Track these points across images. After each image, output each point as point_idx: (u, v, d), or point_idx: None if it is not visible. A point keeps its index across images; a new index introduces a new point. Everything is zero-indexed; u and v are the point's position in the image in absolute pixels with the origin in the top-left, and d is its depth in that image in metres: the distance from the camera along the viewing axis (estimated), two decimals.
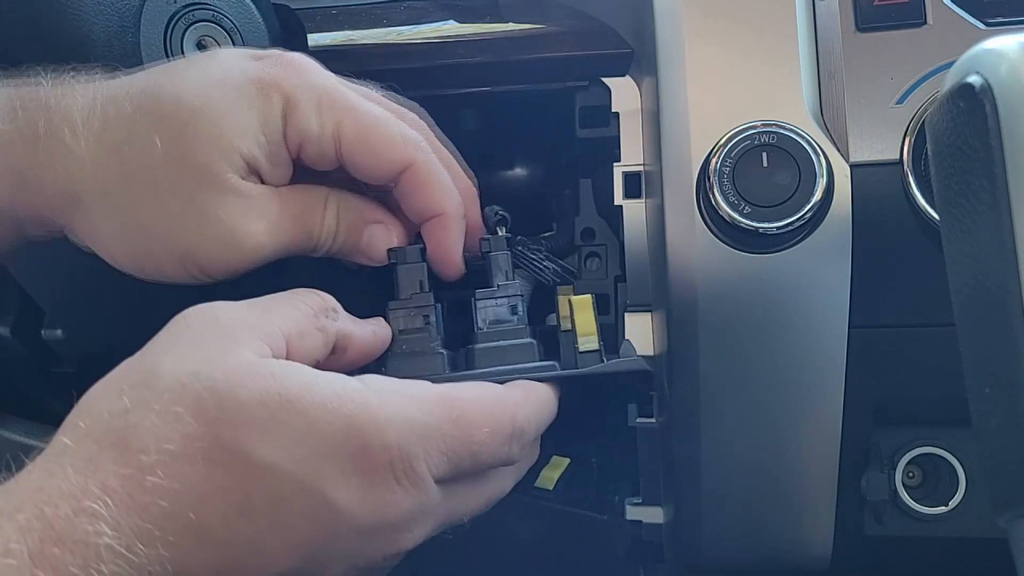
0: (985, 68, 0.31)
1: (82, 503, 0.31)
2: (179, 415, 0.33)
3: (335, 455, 0.35)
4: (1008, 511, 0.32)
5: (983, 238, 0.31)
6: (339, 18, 0.61)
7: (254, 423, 0.34)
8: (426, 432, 0.37)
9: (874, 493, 0.48)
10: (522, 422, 0.42)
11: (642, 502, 0.55)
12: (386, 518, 0.36)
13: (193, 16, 0.52)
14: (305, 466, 0.34)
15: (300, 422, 0.34)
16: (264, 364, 0.36)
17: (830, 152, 0.47)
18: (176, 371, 0.34)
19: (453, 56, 0.58)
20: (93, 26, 0.48)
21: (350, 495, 0.35)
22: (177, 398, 0.34)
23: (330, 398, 0.35)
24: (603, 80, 0.56)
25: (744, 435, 0.49)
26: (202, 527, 0.33)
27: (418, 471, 0.37)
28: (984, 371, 0.32)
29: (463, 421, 0.39)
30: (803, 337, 0.48)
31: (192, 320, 0.37)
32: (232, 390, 0.34)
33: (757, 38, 0.49)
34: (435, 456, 0.37)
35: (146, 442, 0.33)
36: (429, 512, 0.39)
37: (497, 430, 0.40)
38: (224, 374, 0.34)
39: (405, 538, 0.38)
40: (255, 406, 0.34)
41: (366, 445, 0.35)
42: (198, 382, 0.34)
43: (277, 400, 0.34)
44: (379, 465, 0.36)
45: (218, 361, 0.35)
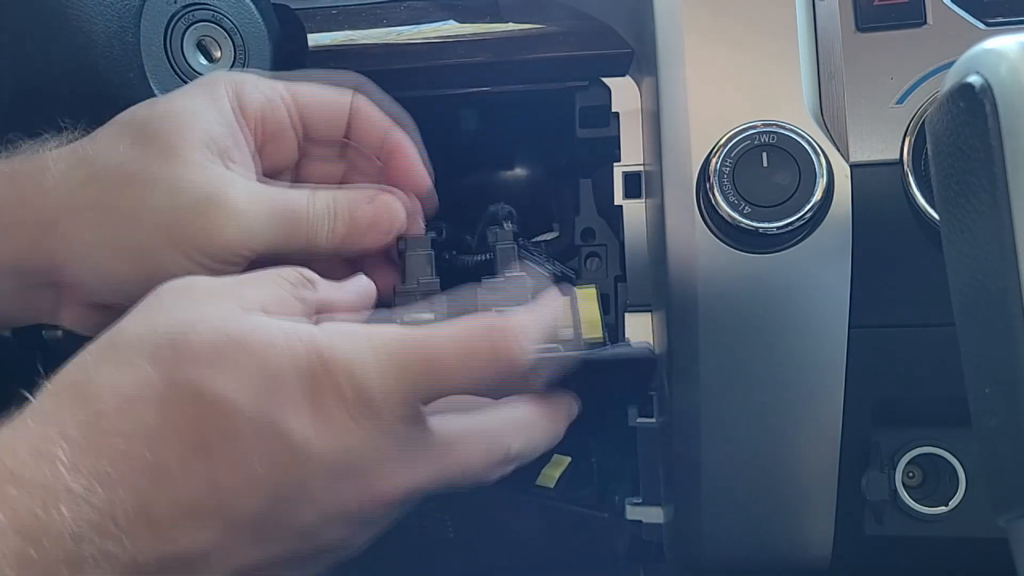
0: (985, 68, 0.31)
1: (40, 448, 0.32)
2: (135, 363, 0.34)
3: (285, 387, 0.34)
4: (1008, 511, 0.32)
5: (983, 238, 0.31)
6: (339, 18, 0.61)
7: (205, 362, 0.34)
8: (378, 359, 0.36)
9: (874, 493, 0.48)
10: (505, 346, 0.38)
11: (642, 502, 0.55)
12: (349, 454, 0.35)
13: (193, 16, 0.52)
14: (257, 400, 0.34)
15: (249, 359, 0.34)
16: (218, 312, 0.36)
17: (830, 152, 0.47)
18: (137, 328, 0.35)
19: (453, 56, 0.58)
20: (93, 26, 0.48)
21: (305, 427, 0.34)
22: (135, 349, 0.34)
23: (278, 336, 0.35)
24: (603, 80, 0.56)
25: (744, 435, 0.49)
26: (160, 468, 0.33)
27: (373, 399, 0.35)
28: (984, 371, 0.32)
29: (421, 346, 0.37)
30: (803, 337, 0.48)
31: (165, 290, 0.38)
32: (185, 336, 0.35)
33: (757, 38, 0.49)
34: (391, 384, 0.36)
35: (103, 390, 0.33)
36: (405, 453, 0.37)
37: (466, 354, 0.38)
38: (181, 325, 0.35)
39: (381, 484, 0.36)
40: (206, 347, 0.34)
41: (313, 374, 0.35)
42: (155, 335, 0.35)
43: (226, 340, 0.35)
44: (329, 394, 0.35)
45: (180, 316, 0.36)
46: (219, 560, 0.34)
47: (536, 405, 0.44)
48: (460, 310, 0.41)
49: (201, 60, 0.53)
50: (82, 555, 0.31)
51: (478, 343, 0.38)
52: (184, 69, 0.52)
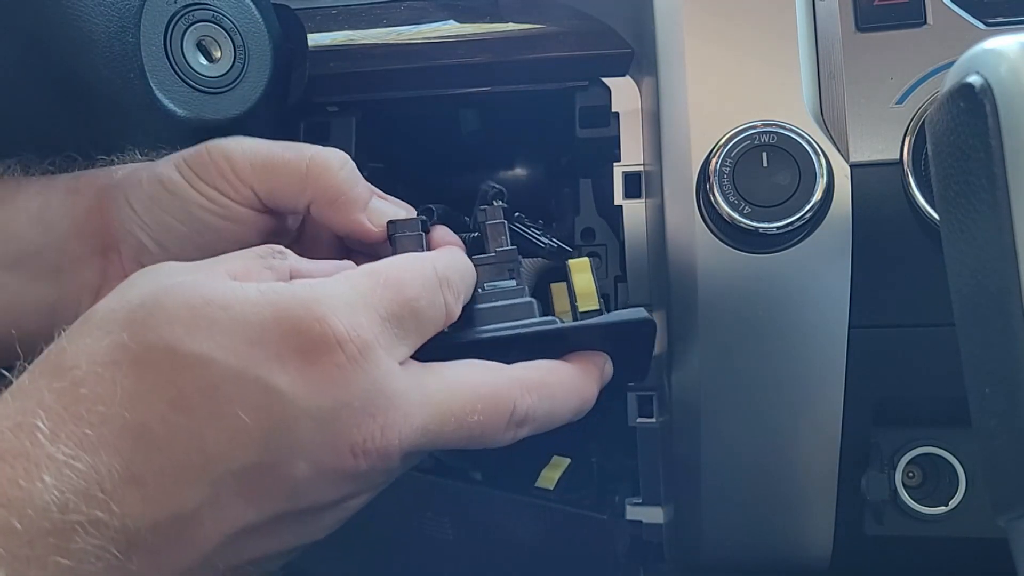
0: (985, 68, 0.31)
1: (18, 420, 0.32)
2: (109, 331, 0.34)
3: (266, 340, 0.34)
4: (1008, 511, 0.32)
5: (983, 238, 0.31)
6: (339, 18, 0.61)
7: (179, 322, 0.34)
8: (359, 300, 0.36)
9: (874, 493, 0.48)
10: (443, 271, 0.41)
11: (642, 502, 0.55)
12: (339, 397, 0.35)
13: (193, 16, 0.52)
14: (236, 354, 0.34)
15: (224, 316, 0.34)
16: (191, 279, 0.36)
17: (830, 152, 0.47)
18: (110, 303, 0.35)
19: (453, 56, 0.58)
20: (93, 26, 0.48)
21: (291, 377, 0.34)
22: (109, 320, 0.35)
23: (253, 293, 0.35)
24: (603, 80, 0.56)
25: (744, 435, 0.49)
26: (140, 427, 0.32)
27: (362, 337, 0.35)
28: (984, 371, 0.32)
29: (391, 280, 0.38)
30: (803, 337, 0.48)
31: (138, 273, 0.38)
32: (158, 300, 0.35)
33: (757, 38, 0.49)
34: (376, 321, 0.36)
35: (78, 359, 0.33)
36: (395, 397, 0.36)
37: (425, 282, 0.39)
38: (155, 294, 0.35)
39: (369, 428, 0.36)
40: (180, 308, 0.34)
41: (298, 323, 0.34)
42: (127, 305, 0.35)
43: (200, 300, 0.34)
44: (317, 340, 0.34)
45: (153, 286, 0.36)
46: (212, 520, 0.34)
47: (555, 366, 0.43)
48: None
49: (201, 60, 0.53)
50: (69, 524, 0.31)
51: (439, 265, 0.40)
52: (184, 69, 0.52)
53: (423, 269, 0.40)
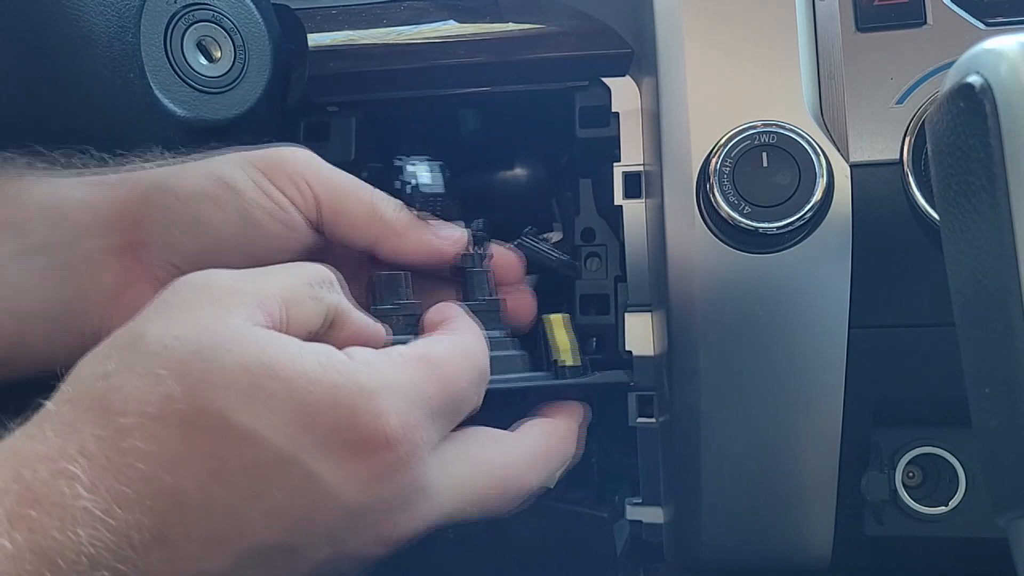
0: (985, 68, 0.31)
1: (59, 465, 0.31)
2: (160, 377, 0.33)
3: (318, 426, 0.34)
4: (1008, 511, 0.32)
5: (983, 238, 0.31)
6: (339, 18, 0.61)
7: (234, 388, 0.33)
8: (415, 395, 0.36)
9: (874, 493, 0.48)
10: (484, 364, 0.42)
11: (642, 502, 0.55)
12: (377, 494, 0.35)
13: (193, 16, 0.52)
14: (285, 435, 0.33)
15: (281, 389, 0.33)
16: (251, 331, 0.35)
17: (830, 152, 0.47)
18: (162, 335, 0.34)
19: (453, 56, 0.58)
20: (93, 26, 0.48)
21: (334, 467, 0.34)
22: (160, 361, 0.33)
23: (313, 367, 0.34)
24: (603, 80, 0.56)
25: (744, 435, 0.49)
26: (179, 492, 0.32)
27: (414, 440, 0.35)
28: (984, 371, 0.32)
29: (444, 376, 0.38)
30: (803, 337, 0.48)
31: (183, 286, 0.37)
32: (215, 354, 0.33)
33: (757, 38, 0.49)
34: (427, 421, 0.36)
35: (125, 404, 0.32)
36: (427, 489, 0.37)
37: (472, 377, 0.40)
38: (209, 338, 0.34)
39: (401, 520, 0.36)
40: (237, 370, 0.33)
41: (354, 414, 0.34)
42: (182, 346, 0.33)
43: (260, 366, 0.33)
44: (369, 435, 0.34)
45: (206, 325, 0.34)
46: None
47: (550, 432, 0.45)
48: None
49: (201, 60, 0.53)
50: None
51: (478, 353, 0.40)
52: (184, 69, 0.52)
53: (474, 362, 0.40)
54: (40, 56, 0.48)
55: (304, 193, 0.46)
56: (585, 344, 0.56)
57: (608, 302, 0.59)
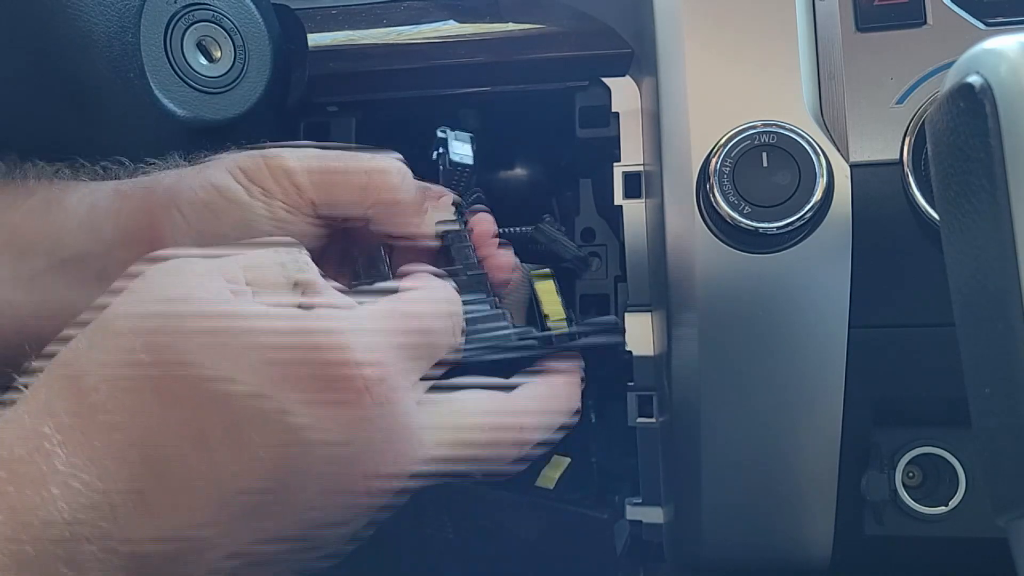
0: (985, 68, 0.31)
1: (36, 443, 0.31)
2: (129, 350, 0.33)
3: (292, 372, 0.34)
4: (1008, 511, 0.32)
5: (983, 238, 0.31)
6: (339, 18, 0.61)
7: (202, 349, 0.33)
8: (385, 336, 0.36)
9: (874, 493, 0.48)
10: (452, 305, 0.42)
11: (642, 502, 0.55)
12: (356, 428, 0.35)
13: (193, 16, 0.52)
14: (259, 387, 0.33)
15: (251, 344, 0.34)
16: (215, 294, 0.35)
17: (830, 152, 0.47)
18: (127, 310, 0.34)
19: (453, 56, 0.58)
20: (93, 26, 0.48)
21: (309, 408, 0.34)
22: (129, 333, 0.34)
23: (284, 319, 0.35)
24: (603, 80, 0.56)
25: (744, 435, 0.49)
26: (157, 456, 0.32)
27: (391, 383, 0.35)
28: (984, 371, 0.32)
29: (414, 319, 0.38)
30: (803, 337, 0.48)
31: (152, 269, 0.37)
32: (181, 320, 0.34)
33: (757, 38, 0.49)
34: (403, 364, 0.36)
35: (97, 380, 0.33)
36: (411, 430, 0.37)
37: (444, 321, 0.40)
38: (174, 305, 0.34)
39: (385, 461, 0.36)
40: (204, 333, 0.33)
41: (327, 360, 0.34)
42: (151, 319, 0.34)
43: (226, 325, 0.34)
44: (339, 372, 0.34)
45: (170, 294, 0.35)
46: (219, 544, 0.34)
47: (550, 386, 0.45)
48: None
49: (201, 60, 0.53)
50: (81, 552, 0.31)
51: (447, 299, 0.41)
52: (184, 69, 0.52)
53: (444, 308, 0.41)
54: (40, 56, 0.48)
55: (291, 193, 0.46)
56: None
57: (608, 302, 0.59)
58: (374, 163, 0.47)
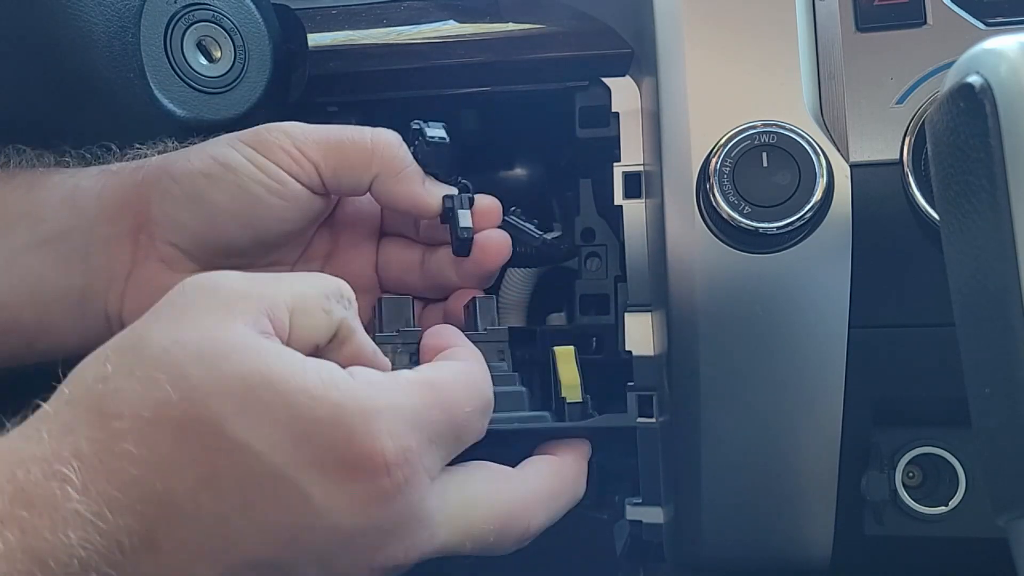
0: (985, 68, 0.31)
1: (53, 467, 0.31)
2: (157, 381, 0.32)
3: (314, 444, 0.33)
4: (1008, 511, 0.32)
5: (983, 238, 0.31)
6: (339, 18, 0.61)
7: (231, 398, 0.32)
8: (417, 420, 0.35)
9: (874, 493, 0.48)
10: (488, 393, 0.41)
11: (642, 502, 0.55)
12: (372, 519, 0.34)
13: (193, 16, 0.52)
14: (280, 451, 0.32)
15: (279, 403, 0.33)
16: (253, 340, 0.34)
17: (830, 152, 0.47)
18: (163, 339, 0.33)
19: (453, 56, 0.58)
20: (93, 26, 0.48)
21: (329, 489, 0.33)
22: (159, 364, 0.33)
23: (314, 382, 0.33)
24: (603, 80, 0.56)
25: (744, 435, 0.49)
26: (169, 499, 0.32)
27: (412, 466, 0.34)
28: (984, 371, 0.32)
29: (448, 402, 0.37)
30: (803, 337, 0.48)
31: (190, 288, 0.36)
32: (215, 361, 0.33)
33: (757, 38, 0.49)
34: (427, 448, 0.36)
35: (121, 408, 0.32)
36: (424, 518, 0.36)
37: (478, 406, 0.39)
38: (210, 344, 0.33)
39: (395, 549, 0.36)
40: (235, 380, 0.32)
41: (352, 435, 0.33)
42: (182, 351, 0.33)
43: (258, 377, 0.33)
44: (366, 457, 0.33)
45: (208, 330, 0.34)
46: None
47: (557, 472, 0.44)
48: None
49: (201, 60, 0.53)
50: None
51: (483, 382, 0.40)
52: (184, 69, 0.52)
53: (478, 391, 0.39)
54: (40, 56, 0.48)
55: (299, 160, 0.46)
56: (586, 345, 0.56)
57: (608, 302, 0.59)
58: (378, 132, 0.48)
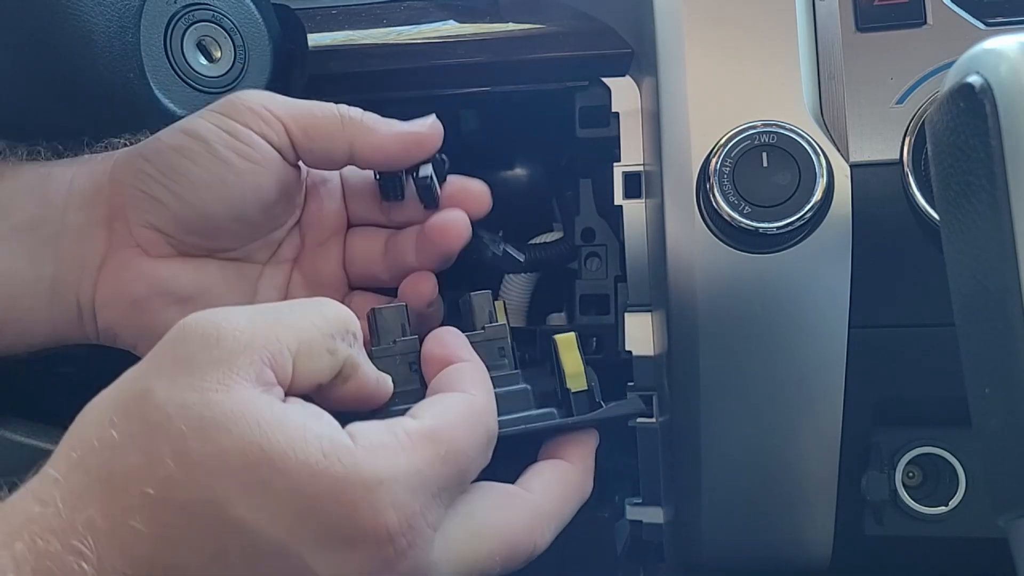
0: (985, 68, 0.31)
1: (70, 540, 0.31)
2: (161, 458, 0.32)
3: (317, 519, 0.33)
4: (1008, 511, 0.32)
5: (983, 238, 0.31)
6: (339, 18, 0.61)
7: (232, 477, 0.32)
8: (421, 481, 0.35)
9: (874, 493, 0.48)
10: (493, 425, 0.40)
11: (642, 502, 0.55)
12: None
13: (193, 16, 0.52)
14: (283, 527, 0.32)
15: (280, 481, 0.33)
16: (254, 406, 0.34)
17: (830, 152, 0.47)
18: (167, 401, 0.33)
19: (453, 56, 0.58)
20: (93, 26, 0.48)
21: (332, 561, 0.33)
22: (163, 436, 0.33)
23: (316, 456, 0.33)
24: (603, 80, 0.56)
25: (744, 435, 0.49)
26: (181, 571, 0.32)
27: (416, 528, 0.34)
28: (984, 371, 0.32)
29: (452, 452, 0.36)
30: (803, 337, 0.48)
31: (190, 334, 0.35)
32: (216, 435, 0.33)
33: (757, 38, 0.49)
34: (431, 503, 0.35)
35: (128, 482, 0.32)
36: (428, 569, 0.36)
37: (482, 444, 0.38)
38: (211, 412, 0.33)
39: None
40: (236, 456, 0.32)
41: (354, 509, 0.33)
42: (184, 419, 0.33)
43: (259, 455, 0.33)
44: (369, 530, 0.33)
45: (209, 393, 0.33)
46: None
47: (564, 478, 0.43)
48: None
49: (201, 60, 0.53)
50: None
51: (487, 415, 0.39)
52: (184, 69, 0.52)
53: (483, 427, 0.39)
54: (40, 56, 0.48)
55: (270, 122, 0.46)
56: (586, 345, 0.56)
57: (608, 302, 0.59)
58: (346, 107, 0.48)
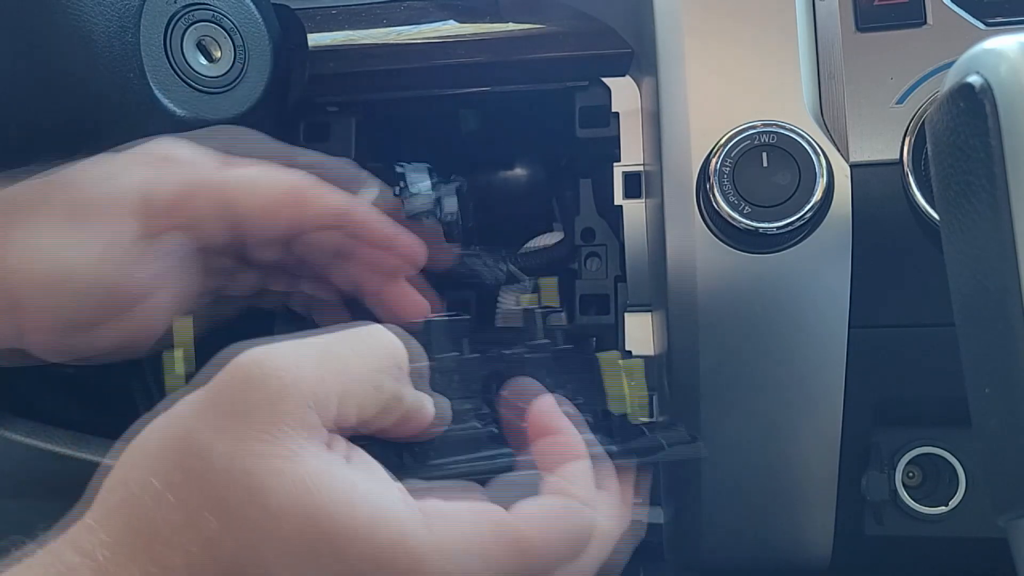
0: (985, 68, 0.31)
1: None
2: (207, 521, 0.32)
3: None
4: (1008, 511, 0.32)
5: (983, 238, 0.31)
6: (339, 18, 0.61)
7: (277, 540, 0.32)
8: (477, 567, 0.34)
9: (874, 493, 0.48)
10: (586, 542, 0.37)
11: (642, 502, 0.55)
12: None
13: (193, 16, 0.52)
14: None
15: (326, 549, 0.32)
16: (302, 467, 0.33)
17: (830, 152, 0.47)
18: (213, 454, 0.32)
19: (453, 56, 0.58)
20: (93, 26, 0.48)
21: None
22: (209, 492, 0.32)
23: (365, 523, 0.32)
24: (603, 80, 0.56)
25: (744, 435, 0.49)
26: None
27: None
28: (984, 371, 0.32)
29: (523, 545, 0.35)
30: (803, 337, 0.48)
31: (238, 377, 0.34)
32: (264, 499, 0.32)
33: (757, 38, 0.49)
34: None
35: (172, 540, 0.32)
36: None
37: (564, 556, 0.36)
38: (257, 466, 0.32)
39: None
40: (282, 519, 0.32)
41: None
42: (231, 479, 0.32)
43: (307, 523, 0.32)
44: None
45: (254, 444, 0.33)
46: None
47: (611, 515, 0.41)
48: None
49: (201, 60, 0.53)
50: None
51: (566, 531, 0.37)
52: (184, 69, 0.52)
53: (571, 528, 0.37)
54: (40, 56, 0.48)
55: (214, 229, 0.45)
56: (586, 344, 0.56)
57: (608, 302, 0.59)
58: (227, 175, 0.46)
